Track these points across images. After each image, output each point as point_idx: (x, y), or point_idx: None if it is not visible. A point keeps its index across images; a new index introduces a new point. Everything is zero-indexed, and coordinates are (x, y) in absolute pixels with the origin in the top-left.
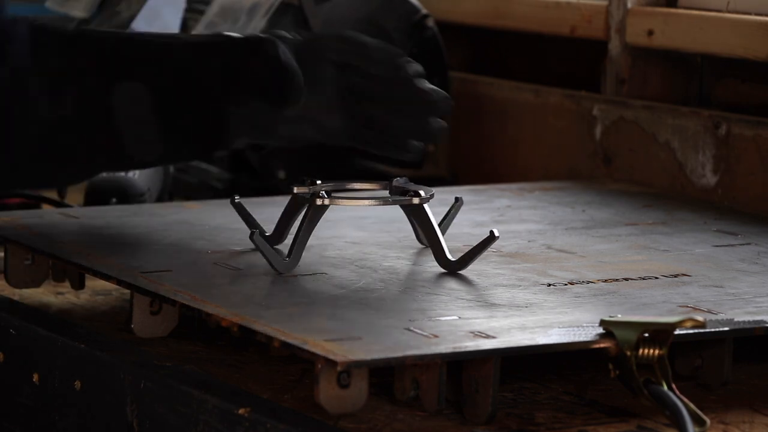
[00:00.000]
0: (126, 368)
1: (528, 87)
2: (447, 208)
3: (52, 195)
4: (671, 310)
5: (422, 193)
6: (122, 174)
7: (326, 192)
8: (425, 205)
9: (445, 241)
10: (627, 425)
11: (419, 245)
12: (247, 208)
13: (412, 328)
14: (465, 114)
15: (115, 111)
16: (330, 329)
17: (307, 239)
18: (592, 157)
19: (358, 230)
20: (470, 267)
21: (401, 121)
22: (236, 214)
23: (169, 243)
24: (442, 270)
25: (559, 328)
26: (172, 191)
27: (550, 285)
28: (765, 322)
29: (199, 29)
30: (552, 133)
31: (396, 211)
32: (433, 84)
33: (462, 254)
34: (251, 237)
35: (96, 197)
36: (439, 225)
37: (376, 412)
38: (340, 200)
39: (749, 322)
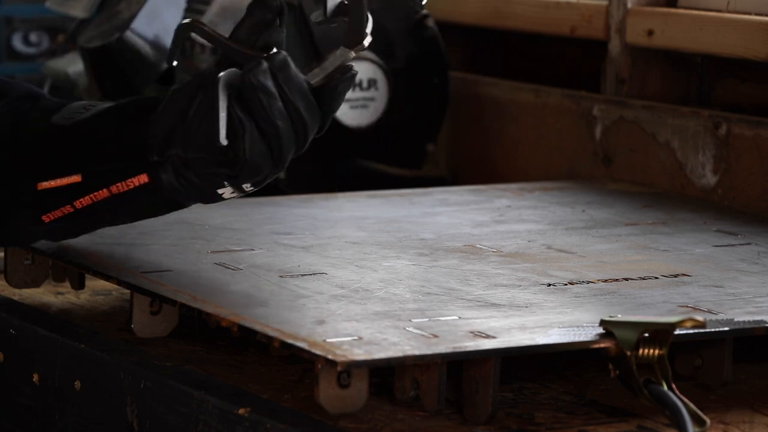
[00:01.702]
0: (126, 368)
1: (528, 87)
2: (447, 209)
3: None
4: (671, 310)
5: None
6: None
7: None
8: None
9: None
10: (627, 425)
11: (419, 245)
12: (248, 208)
13: (412, 328)
14: (465, 114)
15: None
16: (329, 329)
17: None
18: (592, 157)
19: (358, 230)
20: (470, 267)
21: None
22: (236, 213)
23: (169, 243)
24: (443, 270)
25: (559, 328)
26: None
27: (550, 285)
28: (765, 322)
29: None
30: (552, 133)
31: (396, 211)
32: (432, 84)
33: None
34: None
35: None
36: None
37: (376, 412)
38: None
39: (749, 322)
